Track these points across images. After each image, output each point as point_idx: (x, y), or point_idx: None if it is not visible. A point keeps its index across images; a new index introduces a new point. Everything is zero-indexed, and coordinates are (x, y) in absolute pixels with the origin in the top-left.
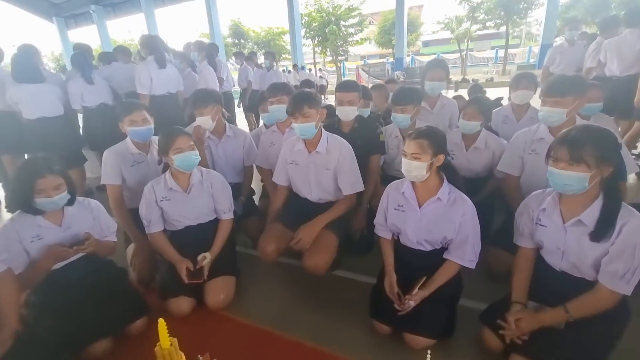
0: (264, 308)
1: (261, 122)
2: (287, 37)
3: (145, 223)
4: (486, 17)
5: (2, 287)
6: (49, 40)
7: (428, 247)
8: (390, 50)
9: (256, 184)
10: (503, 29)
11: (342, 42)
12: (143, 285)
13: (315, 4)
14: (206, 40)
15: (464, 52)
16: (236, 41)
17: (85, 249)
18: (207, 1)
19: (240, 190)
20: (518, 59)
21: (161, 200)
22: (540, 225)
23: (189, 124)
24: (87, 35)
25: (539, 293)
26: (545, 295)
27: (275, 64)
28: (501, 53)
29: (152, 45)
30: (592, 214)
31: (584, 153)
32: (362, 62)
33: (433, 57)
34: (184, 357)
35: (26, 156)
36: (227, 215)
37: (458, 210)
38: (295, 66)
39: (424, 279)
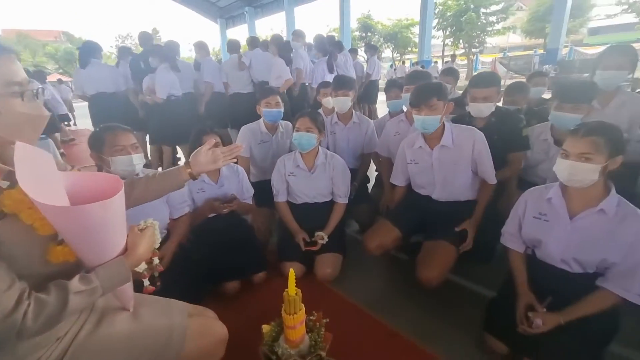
0: (365, 290)
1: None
2: (416, 29)
3: (275, 192)
4: None
5: (182, 222)
6: (211, 38)
7: (576, 269)
8: (540, 41)
9: (371, 172)
10: None
11: (479, 32)
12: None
13: None
14: (336, 35)
15: None
16: (363, 34)
17: (232, 207)
18: None
19: (355, 176)
20: None
21: (289, 175)
22: None
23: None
24: (238, 33)
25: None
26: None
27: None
28: None
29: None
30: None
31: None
32: (501, 55)
33: (601, 47)
34: (303, 308)
35: None
36: (343, 199)
37: (629, 228)
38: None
39: (550, 298)
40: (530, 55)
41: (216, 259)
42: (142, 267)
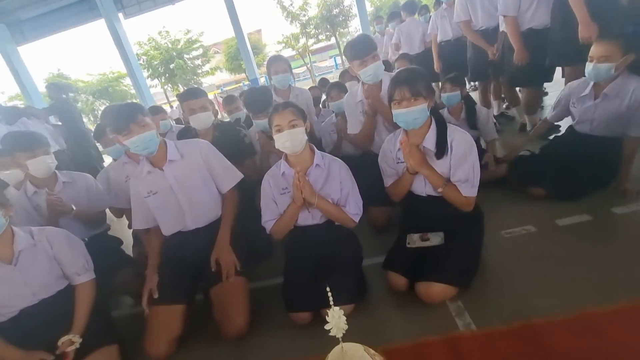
0: None
1: None
2: (128, 81)
3: None
4: (317, 31)
5: None
6: None
7: (322, 220)
8: (242, 75)
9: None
10: (333, 39)
11: (192, 75)
12: None
13: (149, 43)
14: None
15: (309, 65)
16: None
17: None
18: (5, 56)
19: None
20: None
21: None
22: (400, 162)
23: None
24: None
25: (416, 224)
26: (421, 223)
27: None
28: (339, 60)
29: None
30: (431, 138)
31: (419, 87)
32: (219, 91)
33: None
34: None
35: None
36: (85, 276)
37: (335, 170)
38: None
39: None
40: (241, 86)
41: None
42: None
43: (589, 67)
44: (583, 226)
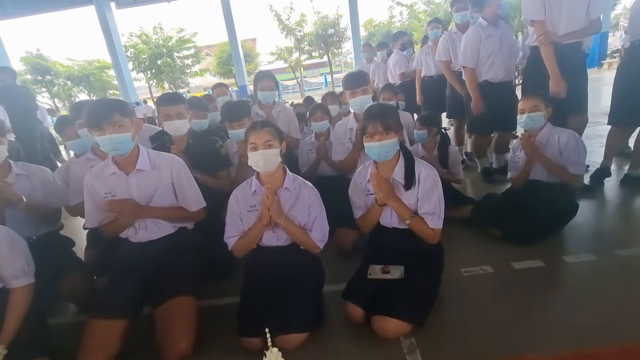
0: None
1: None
2: (112, 72)
3: None
4: (310, 47)
5: None
6: None
7: (287, 242)
8: (232, 80)
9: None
10: (326, 58)
11: (179, 74)
12: None
13: (139, 36)
14: None
15: (299, 79)
16: (39, 77)
17: None
18: None
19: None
20: None
21: None
22: (370, 194)
23: None
24: None
25: (379, 255)
26: (384, 255)
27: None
28: (329, 78)
29: None
30: (399, 171)
31: (390, 121)
32: (206, 93)
33: None
34: None
35: None
36: (22, 280)
37: (305, 194)
38: None
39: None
40: (229, 91)
41: None
42: None
43: (522, 118)
44: (536, 271)
